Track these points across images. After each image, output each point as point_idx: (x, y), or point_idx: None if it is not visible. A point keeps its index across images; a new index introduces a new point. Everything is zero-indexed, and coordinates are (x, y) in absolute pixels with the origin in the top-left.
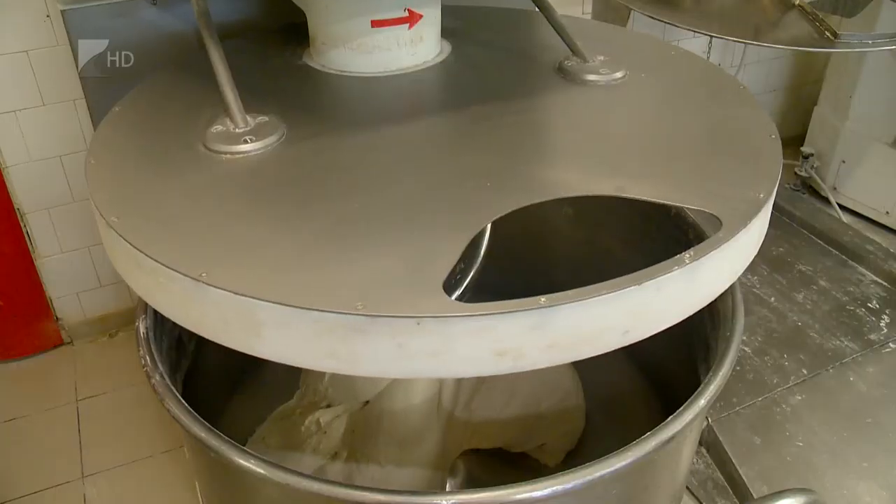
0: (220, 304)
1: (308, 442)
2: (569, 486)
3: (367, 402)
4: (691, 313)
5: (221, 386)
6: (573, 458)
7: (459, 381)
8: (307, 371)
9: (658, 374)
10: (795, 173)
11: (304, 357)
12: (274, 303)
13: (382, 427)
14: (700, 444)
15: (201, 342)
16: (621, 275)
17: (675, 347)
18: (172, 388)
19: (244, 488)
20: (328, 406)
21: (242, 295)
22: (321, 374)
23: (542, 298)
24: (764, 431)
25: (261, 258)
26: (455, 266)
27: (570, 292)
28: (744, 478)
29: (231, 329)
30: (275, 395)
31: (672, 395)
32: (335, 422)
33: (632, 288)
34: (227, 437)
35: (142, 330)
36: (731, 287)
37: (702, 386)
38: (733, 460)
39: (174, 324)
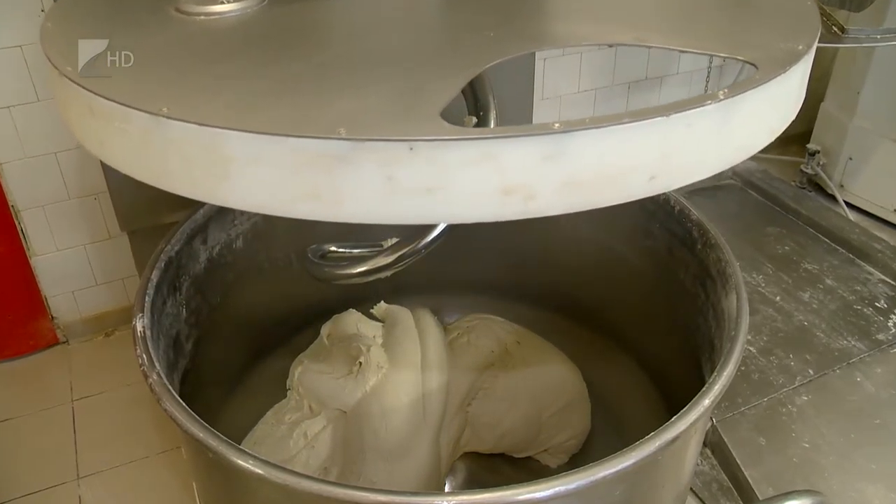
0: (182, 143)
1: (297, 458)
2: (572, 486)
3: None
4: (723, 168)
5: (219, 385)
6: (576, 459)
7: (447, 385)
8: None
9: (662, 375)
10: (801, 170)
11: (280, 200)
12: (244, 131)
13: (366, 440)
14: (704, 445)
15: (199, 341)
16: (623, 275)
17: (679, 347)
18: (170, 387)
19: (242, 489)
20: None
21: (208, 126)
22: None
23: (556, 123)
24: (769, 432)
25: (231, 94)
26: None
27: (587, 118)
28: (749, 479)
29: (195, 173)
30: (273, 394)
31: (676, 395)
32: (322, 434)
33: (658, 119)
34: (225, 438)
35: (139, 328)
36: (736, 284)
37: (706, 385)
38: (738, 462)
39: (172, 322)
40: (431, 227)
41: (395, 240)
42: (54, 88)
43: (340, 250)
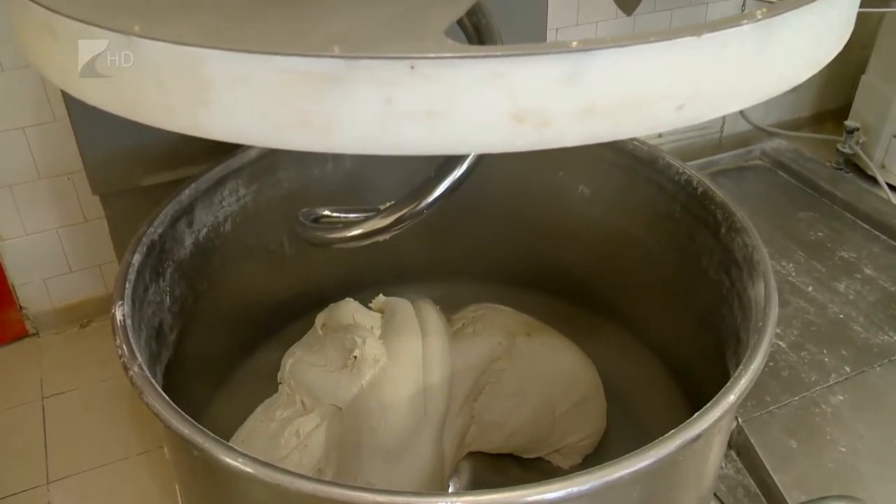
0: (157, 66)
1: (289, 458)
2: (584, 487)
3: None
4: (760, 100)
5: (205, 379)
6: (590, 460)
7: (450, 379)
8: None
9: (683, 369)
10: (838, 150)
11: (266, 127)
12: (225, 50)
13: (363, 439)
14: (729, 446)
15: (184, 331)
16: (641, 261)
17: (701, 340)
18: (152, 380)
19: (231, 490)
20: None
21: (186, 45)
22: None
23: (575, 42)
24: (801, 434)
25: (211, 11)
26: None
27: (609, 37)
28: (779, 485)
29: (172, 100)
30: (263, 389)
31: (698, 392)
32: (315, 433)
33: (689, 39)
34: (212, 434)
35: (118, 317)
36: (764, 271)
37: (731, 380)
38: (766, 465)
39: (154, 310)
40: (433, 187)
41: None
42: (9, 8)
43: (334, 215)
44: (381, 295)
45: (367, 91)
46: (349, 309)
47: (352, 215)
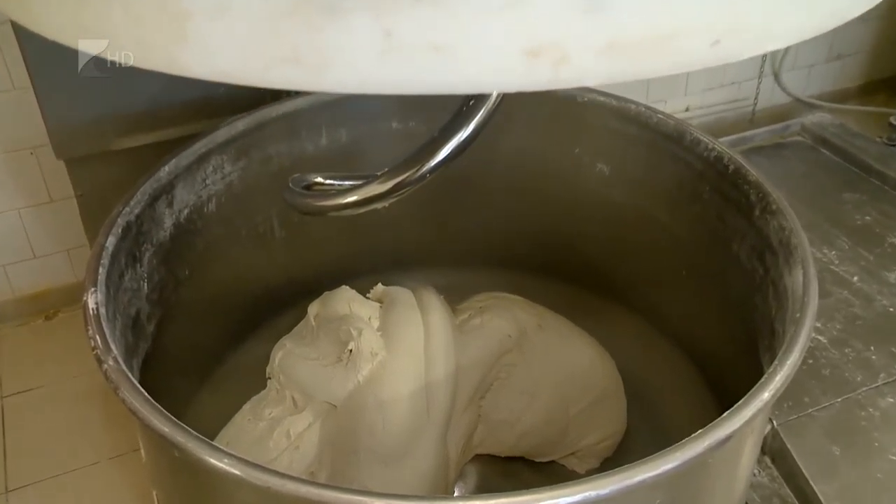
0: None
1: (278, 460)
2: (604, 492)
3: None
4: (806, 37)
5: (186, 374)
6: (608, 464)
7: (456, 375)
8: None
9: (712, 365)
10: (890, 124)
11: (250, 65)
12: None
13: (360, 440)
14: (763, 451)
15: (163, 321)
16: (665, 246)
17: (731, 332)
18: (129, 374)
19: (216, 494)
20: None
21: None
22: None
23: None
24: (845, 440)
25: None
26: None
27: None
28: (820, 497)
29: (146, 35)
30: (250, 386)
31: (729, 389)
32: (307, 433)
33: None
34: (195, 433)
35: (91, 305)
36: (802, 257)
37: (766, 376)
38: (805, 474)
39: (131, 298)
40: (436, 149)
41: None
42: None
43: (328, 182)
44: (379, 284)
45: (364, 22)
46: (345, 298)
47: (346, 182)
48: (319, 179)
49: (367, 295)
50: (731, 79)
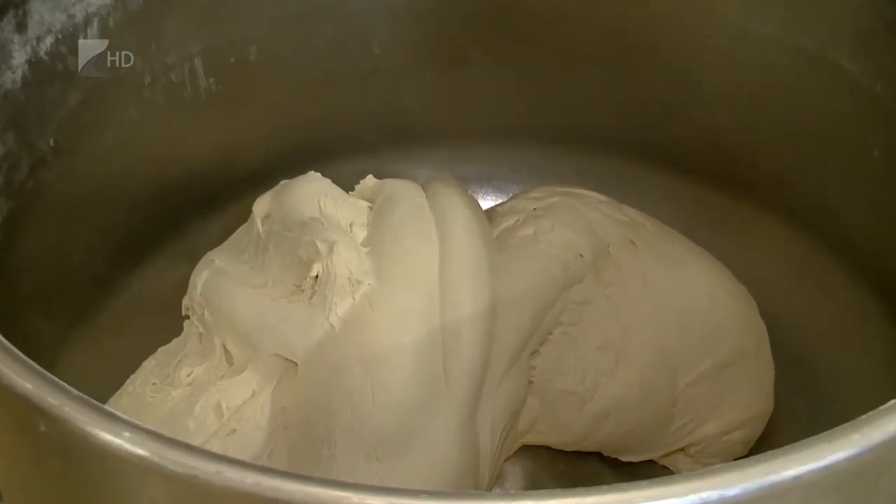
0: None
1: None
2: (730, 492)
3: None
4: None
5: (52, 313)
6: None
7: (489, 319)
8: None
9: None
10: None
11: None
12: None
13: (336, 419)
14: None
15: (12, 225)
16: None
17: None
18: None
19: (108, 490)
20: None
21: None
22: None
23: None
24: None
25: None
26: None
27: None
28: None
29: None
30: (156, 330)
31: None
32: (249, 407)
33: None
34: (75, 391)
35: None
36: None
37: None
38: None
39: None
40: None
41: None
42: None
43: None
44: (369, 176)
45: None
46: (312, 191)
47: None
48: None
49: (351, 191)
50: None
